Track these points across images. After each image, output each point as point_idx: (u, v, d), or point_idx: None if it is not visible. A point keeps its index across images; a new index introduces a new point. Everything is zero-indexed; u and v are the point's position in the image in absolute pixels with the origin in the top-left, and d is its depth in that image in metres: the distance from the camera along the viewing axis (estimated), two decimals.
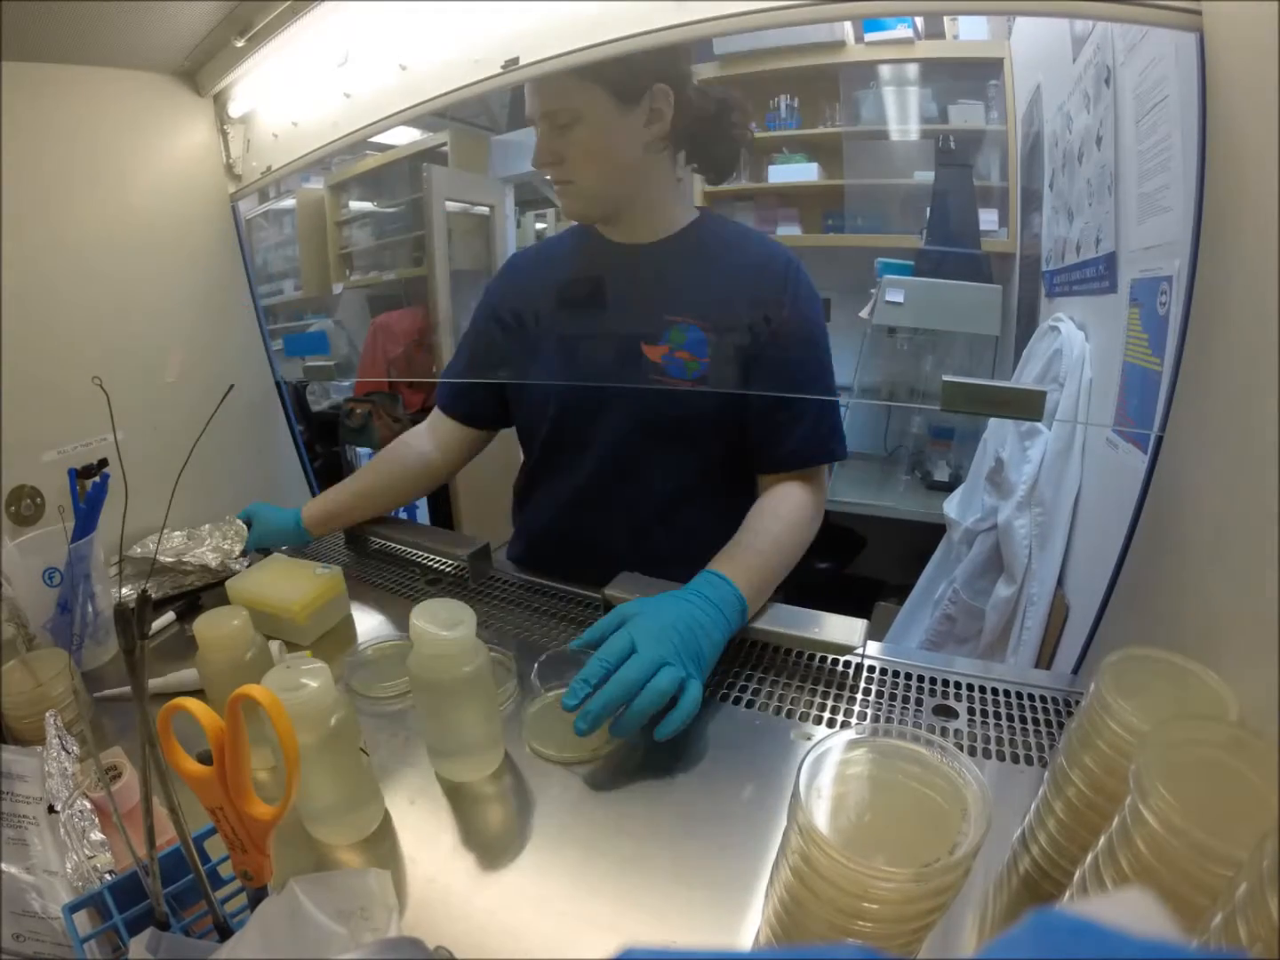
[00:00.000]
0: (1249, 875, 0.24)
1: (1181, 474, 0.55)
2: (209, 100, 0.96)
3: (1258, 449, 0.43)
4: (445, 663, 0.50)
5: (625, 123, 0.70)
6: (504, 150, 2.38)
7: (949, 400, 0.62)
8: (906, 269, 1.60)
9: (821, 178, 1.76)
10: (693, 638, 0.57)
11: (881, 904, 0.31)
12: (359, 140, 0.85)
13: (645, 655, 0.54)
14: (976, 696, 0.61)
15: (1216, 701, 0.38)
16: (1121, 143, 0.97)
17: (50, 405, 0.80)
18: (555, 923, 0.43)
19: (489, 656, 0.52)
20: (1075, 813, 0.39)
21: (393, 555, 0.94)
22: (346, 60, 0.83)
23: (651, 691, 0.52)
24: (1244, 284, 0.47)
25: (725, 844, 0.48)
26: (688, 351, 0.75)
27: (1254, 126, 0.45)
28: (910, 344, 1.68)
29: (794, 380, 0.75)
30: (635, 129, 0.71)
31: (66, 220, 0.82)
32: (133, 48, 0.82)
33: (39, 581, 0.68)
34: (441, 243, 2.22)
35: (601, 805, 0.52)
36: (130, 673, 0.34)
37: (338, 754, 0.47)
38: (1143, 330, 0.86)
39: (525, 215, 2.73)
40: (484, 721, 0.54)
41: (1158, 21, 0.49)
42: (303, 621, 0.73)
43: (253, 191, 1.01)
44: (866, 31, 1.59)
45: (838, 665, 0.66)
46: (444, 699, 0.52)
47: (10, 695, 0.56)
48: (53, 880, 0.42)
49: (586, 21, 0.62)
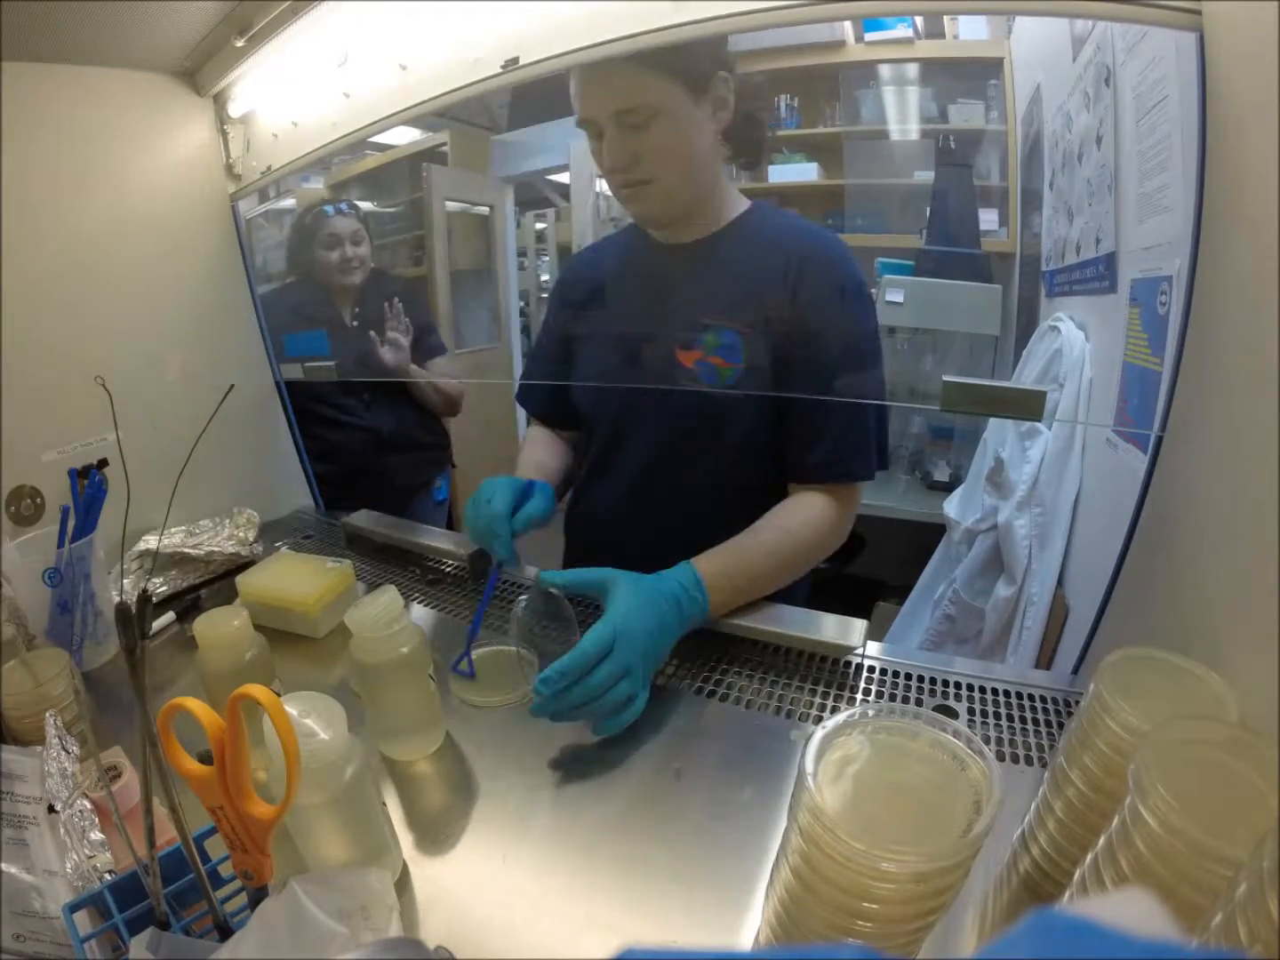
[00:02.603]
0: (1249, 875, 0.24)
1: (1181, 474, 0.55)
2: (209, 100, 0.96)
3: (1258, 449, 0.43)
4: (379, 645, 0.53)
5: (698, 114, 0.68)
6: (504, 150, 2.38)
7: (949, 400, 0.62)
8: (906, 269, 1.60)
9: (821, 178, 1.76)
10: (661, 643, 0.60)
11: (882, 903, 0.31)
12: (359, 140, 0.85)
13: (617, 663, 0.55)
14: (976, 696, 0.61)
15: (1216, 701, 0.38)
16: (1121, 143, 0.97)
17: (50, 405, 0.80)
18: (555, 923, 0.44)
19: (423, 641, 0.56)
20: (1075, 813, 0.39)
21: (393, 555, 0.94)
22: (346, 60, 0.83)
23: (602, 703, 0.55)
24: (1244, 284, 0.47)
25: (725, 844, 0.48)
26: (721, 357, 0.73)
27: (1254, 126, 0.45)
28: (910, 344, 1.68)
29: (824, 388, 0.71)
30: (706, 120, 0.69)
31: (66, 220, 0.82)
32: (133, 48, 0.82)
33: (39, 581, 0.68)
34: (441, 243, 2.22)
35: (601, 805, 0.52)
36: (130, 672, 0.34)
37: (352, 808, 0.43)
38: (1143, 330, 0.86)
39: (525, 215, 2.73)
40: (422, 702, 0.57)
41: (1158, 21, 0.49)
42: (315, 614, 0.74)
43: (253, 191, 1.01)
44: (866, 31, 1.59)
45: (838, 665, 0.66)
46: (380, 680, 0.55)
47: (10, 695, 0.56)
48: (53, 880, 0.42)
49: (586, 21, 0.62)
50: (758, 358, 0.72)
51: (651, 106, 0.66)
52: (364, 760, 0.43)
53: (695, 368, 0.74)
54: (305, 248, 1.32)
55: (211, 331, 1.01)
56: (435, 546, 0.91)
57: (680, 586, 0.63)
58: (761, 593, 0.70)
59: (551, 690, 0.53)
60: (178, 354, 0.95)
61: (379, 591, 0.54)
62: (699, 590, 0.64)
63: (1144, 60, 0.87)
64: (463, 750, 0.58)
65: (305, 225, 1.32)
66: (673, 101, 0.66)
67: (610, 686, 0.55)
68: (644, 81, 0.65)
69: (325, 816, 0.42)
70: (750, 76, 0.73)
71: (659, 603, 0.61)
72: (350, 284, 1.33)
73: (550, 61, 0.65)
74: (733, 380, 0.73)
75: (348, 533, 0.99)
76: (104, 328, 0.86)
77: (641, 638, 0.57)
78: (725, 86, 0.68)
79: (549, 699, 0.53)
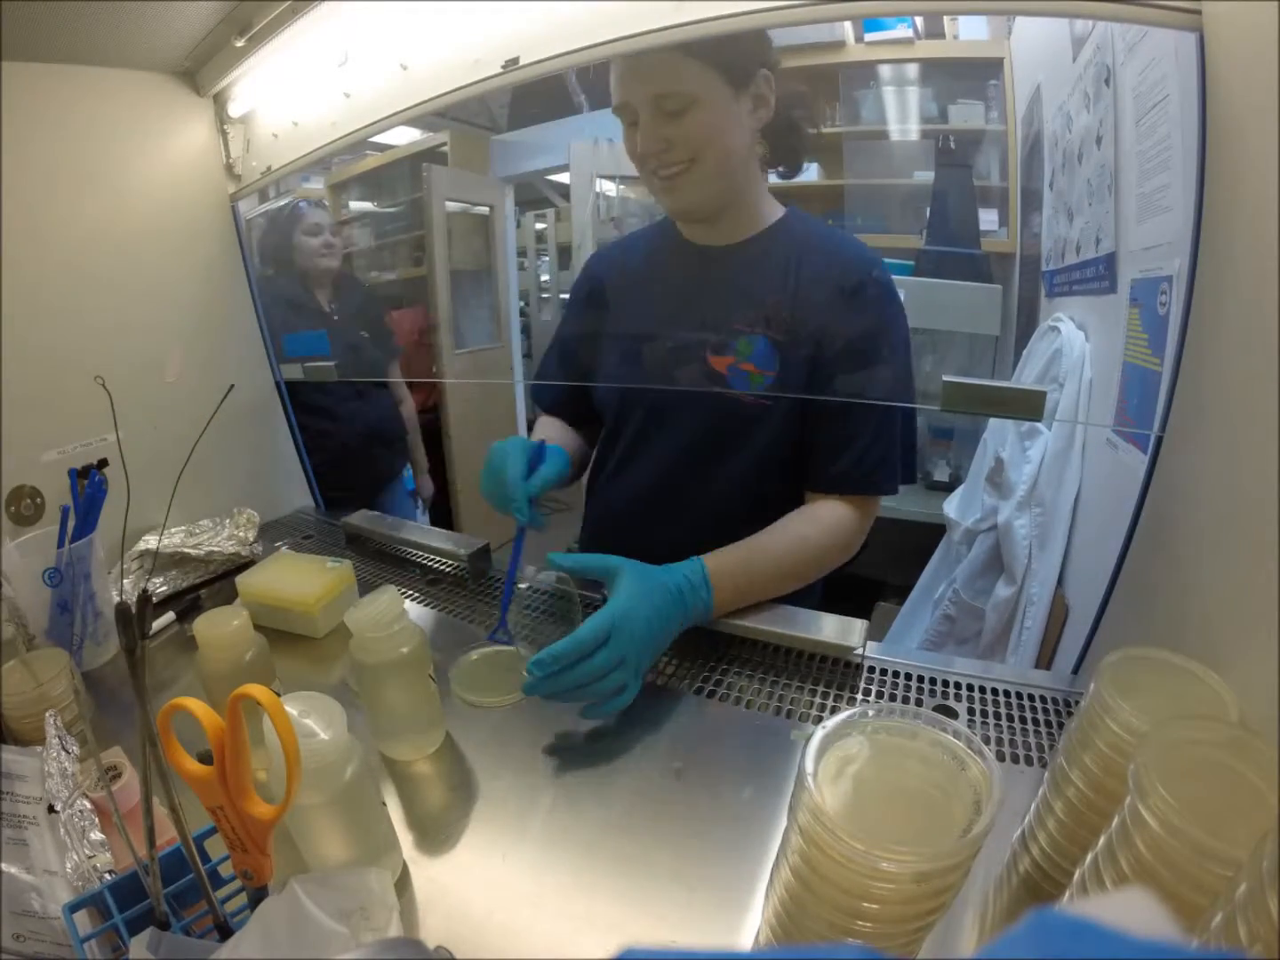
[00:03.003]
0: (1249, 875, 0.24)
1: (1181, 474, 0.55)
2: (209, 100, 0.96)
3: (1258, 448, 0.43)
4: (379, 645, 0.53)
5: (737, 108, 0.67)
6: (504, 150, 2.38)
7: (949, 400, 0.62)
8: (906, 269, 1.60)
9: (821, 178, 1.76)
10: (660, 635, 0.60)
11: (882, 904, 0.31)
12: (359, 140, 0.85)
13: (613, 652, 0.56)
14: (976, 697, 0.61)
15: (1216, 701, 0.38)
16: (1121, 143, 0.97)
17: (50, 405, 0.80)
18: (555, 923, 0.44)
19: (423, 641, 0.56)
20: (1075, 813, 0.39)
21: (393, 555, 0.94)
22: (346, 60, 0.83)
23: (594, 689, 0.56)
24: (1244, 284, 0.47)
25: (725, 844, 0.48)
26: (753, 364, 0.72)
27: (1254, 126, 0.45)
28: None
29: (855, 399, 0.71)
30: (744, 115, 0.68)
31: (66, 220, 0.82)
32: (133, 48, 0.82)
33: (39, 581, 0.68)
34: (441, 242, 2.22)
35: (601, 805, 0.52)
36: (130, 672, 0.34)
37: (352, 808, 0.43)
38: (1143, 330, 0.86)
39: (525, 215, 2.74)
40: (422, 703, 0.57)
41: (1158, 21, 0.49)
42: (315, 614, 0.74)
43: (253, 191, 1.01)
44: (866, 31, 1.58)
45: (838, 665, 0.66)
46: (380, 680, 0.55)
47: (10, 695, 0.56)
48: (53, 880, 0.42)
49: (586, 21, 0.62)
50: (791, 366, 0.72)
51: (689, 93, 0.65)
52: (364, 760, 0.43)
53: (727, 373, 0.73)
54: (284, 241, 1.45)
55: (211, 331, 1.01)
56: (435, 546, 0.91)
57: (686, 580, 0.63)
58: (768, 596, 0.70)
59: (544, 673, 0.54)
60: (178, 354, 0.95)
61: (378, 591, 0.54)
62: (705, 587, 0.64)
63: (1144, 60, 0.86)
64: (463, 750, 0.58)
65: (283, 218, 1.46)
66: (711, 91, 0.65)
67: (603, 675, 0.55)
68: (683, 68, 0.64)
69: (325, 817, 0.41)
70: (796, 81, 0.72)
71: (662, 595, 0.61)
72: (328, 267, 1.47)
73: (550, 61, 0.65)
74: (764, 387, 0.72)
75: (348, 533, 0.99)
76: (104, 328, 0.86)
77: (640, 629, 0.58)
78: (766, 85, 0.68)
79: (540, 680, 0.54)
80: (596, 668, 0.55)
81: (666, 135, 0.67)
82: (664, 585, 0.61)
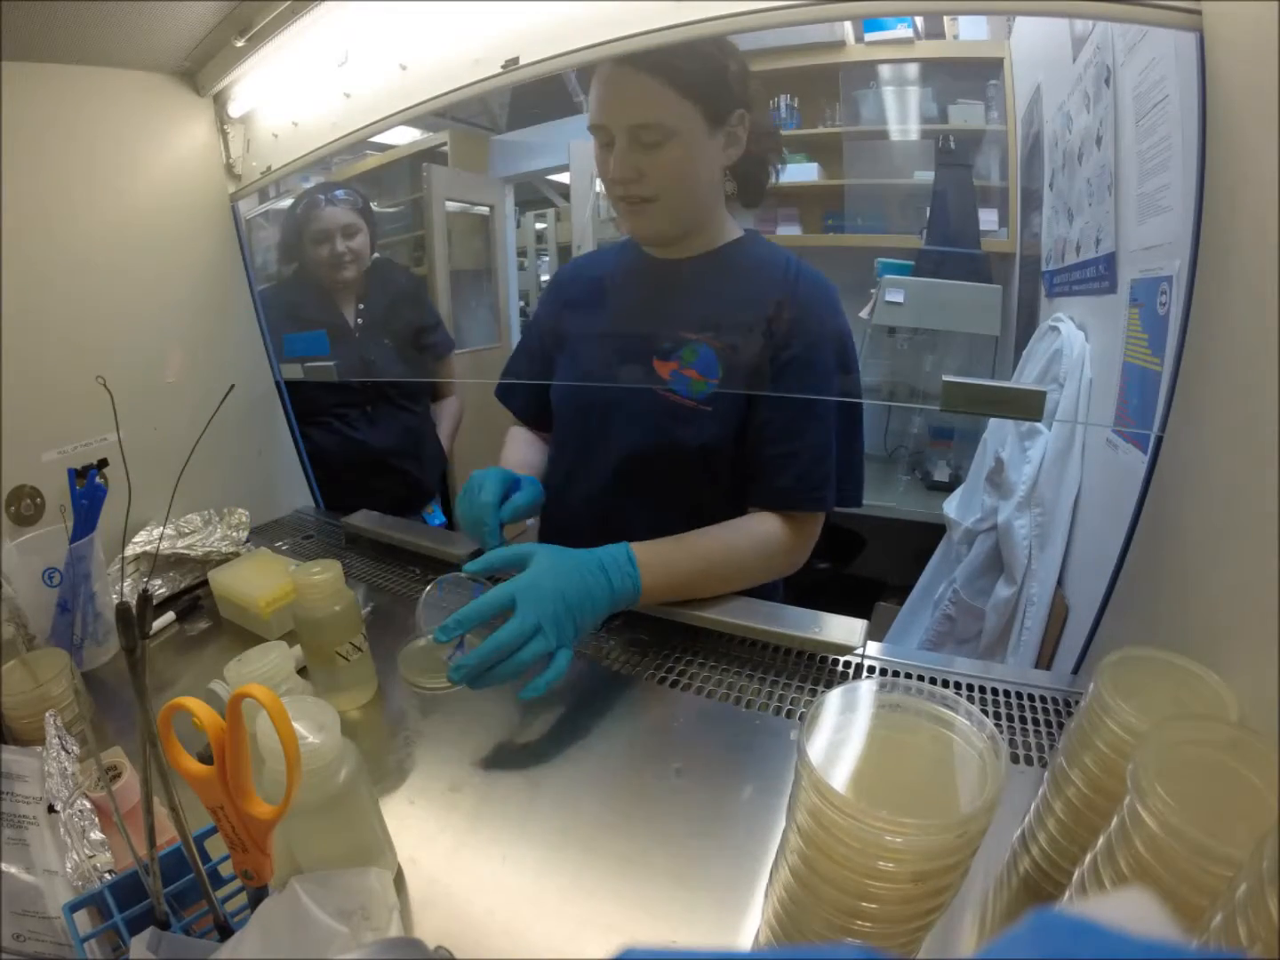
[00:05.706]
0: (1249, 875, 0.24)
1: (1181, 474, 0.55)
2: (209, 100, 0.96)
3: (1258, 449, 0.43)
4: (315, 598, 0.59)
5: (710, 145, 0.69)
6: (504, 150, 2.38)
7: (949, 400, 0.62)
8: (906, 269, 1.60)
9: (821, 178, 1.76)
10: (580, 607, 0.59)
11: (881, 903, 0.31)
12: (359, 140, 0.85)
13: (523, 620, 0.56)
14: (976, 697, 0.61)
15: (1216, 701, 0.38)
16: (1121, 143, 0.97)
17: (50, 405, 0.80)
18: (555, 923, 0.44)
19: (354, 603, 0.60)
20: (1075, 813, 0.39)
21: (392, 555, 0.94)
22: (346, 60, 0.83)
23: (514, 663, 0.55)
24: (1243, 284, 0.47)
25: (725, 844, 0.48)
26: (696, 370, 0.74)
27: (1254, 126, 0.45)
28: (910, 344, 1.68)
29: (791, 418, 0.73)
30: (716, 152, 0.70)
31: (66, 220, 0.82)
32: (133, 48, 0.82)
33: (39, 581, 0.68)
34: (441, 243, 2.22)
35: (601, 805, 0.52)
36: (131, 672, 0.34)
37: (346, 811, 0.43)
38: (1143, 330, 0.86)
39: (525, 215, 2.73)
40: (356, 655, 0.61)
41: (1158, 21, 0.49)
42: (267, 618, 0.75)
43: (253, 191, 1.01)
44: (866, 31, 1.59)
45: (838, 665, 0.66)
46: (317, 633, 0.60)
47: (10, 695, 0.56)
48: (53, 880, 0.42)
49: (586, 21, 0.62)
50: (732, 377, 0.74)
51: (667, 127, 0.66)
52: (358, 763, 0.43)
53: (670, 378, 0.75)
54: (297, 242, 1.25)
55: (211, 331, 1.01)
56: (435, 547, 0.91)
57: (609, 555, 0.64)
58: (696, 594, 0.71)
59: (447, 637, 0.55)
60: (178, 354, 0.95)
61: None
62: (630, 564, 0.64)
63: (1144, 60, 0.86)
64: (462, 750, 0.58)
65: (296, 216, 1.25)
66: (689, 126, 0.67)
67: (519, 646, 0.55)
68: (664, 100, 0.65)
69: (319, 820, 0.41)
70: (767, 122, 0.75)
71: (573, 563, 0.61)
72: (345, 279, 1.25)
73: (550, 61, 0.66)
74: (704, 395, 0.74)
75: (348, 533, 0.99)
76: (104, 328, 0.86)
77: (549, 596, 0.58)
78: (741, 124, 0.70)
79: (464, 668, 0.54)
80: (508, 636, 0.55)
81: (639, 165, 0.68)
82: (580, 559, 0.62)
